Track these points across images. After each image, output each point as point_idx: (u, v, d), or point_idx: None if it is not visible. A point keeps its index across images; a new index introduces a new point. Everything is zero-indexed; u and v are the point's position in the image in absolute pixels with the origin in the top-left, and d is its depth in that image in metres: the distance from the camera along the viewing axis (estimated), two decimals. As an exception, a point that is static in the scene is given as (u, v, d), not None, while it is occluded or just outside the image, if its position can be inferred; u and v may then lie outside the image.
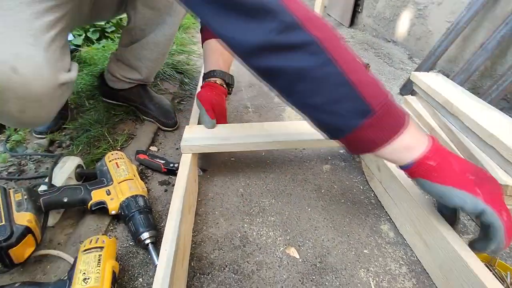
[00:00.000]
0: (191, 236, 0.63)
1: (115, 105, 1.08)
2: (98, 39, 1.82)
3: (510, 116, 0.73)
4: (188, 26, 2.29)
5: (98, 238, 0.53)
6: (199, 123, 0.85)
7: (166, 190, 0.77)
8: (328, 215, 0.70)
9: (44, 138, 0.98)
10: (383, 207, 0.71)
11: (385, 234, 0.65)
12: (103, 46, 1.67)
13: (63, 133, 1.00)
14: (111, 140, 0.91)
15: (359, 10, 2.22)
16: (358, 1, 2.21)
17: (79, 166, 0.76)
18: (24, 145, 0.97)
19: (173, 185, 0.78)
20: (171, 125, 1.01)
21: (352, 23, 2.35)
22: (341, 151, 0.91)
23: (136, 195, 0.64)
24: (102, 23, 1.71)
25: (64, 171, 0.72)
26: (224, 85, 0.87)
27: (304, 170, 0.84)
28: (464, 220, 0.69)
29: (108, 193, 0.65)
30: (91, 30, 1.78)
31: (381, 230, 0.66)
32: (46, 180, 0.67)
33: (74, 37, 1.72)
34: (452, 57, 1.26)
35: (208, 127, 0.78)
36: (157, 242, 0.59)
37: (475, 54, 1.02)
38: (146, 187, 0.77)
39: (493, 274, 0.54)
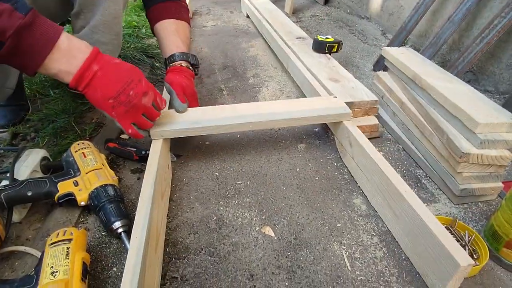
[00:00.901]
0: (166, 223, 0.63)
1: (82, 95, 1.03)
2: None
3: (475, 88, 0.75)
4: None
5: (66, 231, 0.51)
6: (170, 108, 0.82)
7: (139, 178, 0.75)
8: (303, 193, 0.71)
9: (5, 131, 0.92)
10: (355, 181, 0.73)
11: (357, 208, 0.67)
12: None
13: (27, 125, 0.95)
14: (78, 130, 0.87)
15: (333, -13, 2.19)
16: (332, -23, 2.17)
17: (44, 158, 0.72)
18: (-15, 140, 0.92)
19: (146, 167, 0.77)
20: None
21: (327, 0, 2.32)
22: (316, 129, 0.92)
23: (106, 185, 0.62)
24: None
25: (28, 164, 0.68)
26: (190, 67, 0.85)
27: (279, 150, 0.84)
28: (432, 189, 0.72)
29: (76, 184, 0.62)
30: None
31: (354, 204, 0.68)
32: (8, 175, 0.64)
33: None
34: (422, 31, 1.28)
35: (180, 111, 0.76)
36: (129, 230, 0.58)
37: (443, 27, 1.03)
38: (118, 176, 0.75)
39: (453, 234, 0.57)
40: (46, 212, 0.66)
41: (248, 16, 2.05)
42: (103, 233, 0.61)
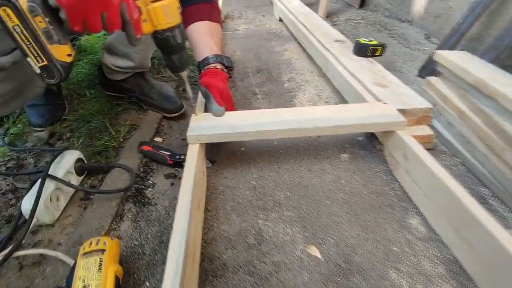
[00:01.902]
0: (201, 235, 0.58)
1: (117, 96, 1.02)
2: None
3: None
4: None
5: (99, 240, 0.48)
6: (206, 111, 0.79)
7: (172, 184, 0.71)
8: (350, 208, 0.64)
9: (43, 130, 0.93)
10: (410, 199, 0.65)
11: (415, 229, 0.59)
12: (104, 34, 1.60)
13: (63, 125, 0.95)
14: (113, 131, 0.86)
15: (370, -10, 2.10)
16: (369, -20, 2.09)
17: (79, 159, 0.71)
18: (24, 138, 0.92)
19: (180, 178, 0.73)
20: (175, 110, 0.94)
21: (362, 4, 2.23)
22: (360, 138, 0.84)
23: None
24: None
25: (63, 165, 0.66)
26: (225, 70, 0.81)
27: (321, 159, 0.77)
28: (503, 211, 0.63)
29: None
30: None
31: (410, 224, 0.60)
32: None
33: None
34: (475, 34, 1.17)
35: (217, 114, 0.71)
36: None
37: (507, 28, 0.93)
38: (151, 181, 0.72)
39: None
40: (78, 216, 0.64)
41: (280, 20, 2.01)
42: (135, 243, 0.58)
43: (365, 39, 1.08)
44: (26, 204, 0.58)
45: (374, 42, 1.06)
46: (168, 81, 1.15)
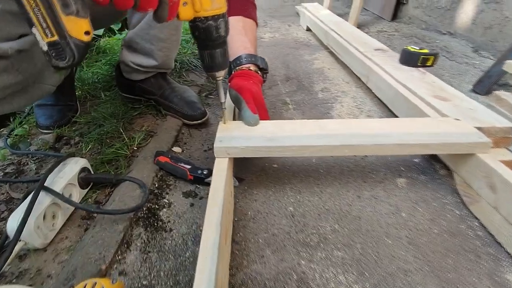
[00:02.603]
0: (228, 276, 0.45)
1: (134, 99, 0.92)
2: (120, 30, 1.69)
3: None
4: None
5: (95, 284, 0.35)
6: (235, 119, 0.67)
7: (192, 205, 0.59)
8: (420, 252, 0.49)
9: (50, 133, 0.83)
10: (500, 244, 0.50)
11: (514, 288, 0.44)
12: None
13: (73, 128, 0.85)
14: (126, 138, 0.75)
15: (404, 1, 1.99)
16: (404, -9, 1.97)
17: (84, 169, 0.59)
18: (28, 140, 0.82)
19: (201, 197, 0.60)
20: (197, 117, 0.83)
21: (394, 16, 2.12)
22: (416, 160, 0.70)
23: None
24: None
25: (64, 175, 0.55)
26: (259, 72, 0.71)
27: (372, 184, 0.64)
28: None
29: None
30: (112, 20, 1.66)
31: (508, 281, 0.45)
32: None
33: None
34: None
35: (250, 123, 0.59)
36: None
37: None
38: (167, 200, 0.60)
39: None
40: (77, 239, 0.52)
41: (308, 30, 1.91)
42: (144, 282, 0.45)
43: (415, 47, 0.95)
44: (13, 222, 0.46)
45: (425, 51, 0.93)
46: (190, 86, 1.04)
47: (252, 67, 0.70)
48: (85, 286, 0.35)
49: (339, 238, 0.52)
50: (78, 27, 0.37)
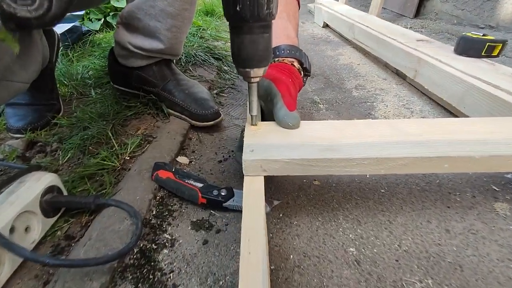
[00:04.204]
0: None
1: (129, 94, 0.75)
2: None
3: None
4: (222, 14, 1.98)
5: None
6: (265, 119, 0.49)
7: (206, 242, 0.40)
8: None
9: (21, 137, 0.65)
10: None
11: None
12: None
13: (52, 132, 0.67)
14: (116, 144, 0.57)
15: (429, -3, 1.82)
16: (428, -15, 1.81)
17: (51, 189, 0.41)
18: (-8, 147, 0.64)
19: (218, 230, 0.42)
20: (209, 118, 0.65)
21: (417, 13, 1.95)
22: (509, 176, 0.51)
23: None
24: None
25: (16, 200, 0.37)
26: (301, 71, 0.54)
27: (459, 211, 0.45)
28: None
29: None
30: (111, 14, 1.50)
31: None
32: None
33: (92, 22, 1.44)
34: None
35: (289, 125, 0.41)
36: None
37: None
38: (169, 235, 0.41)
39: None
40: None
41: (325, 26, 1.75)
42: None
43: (477, 33, 0.77)
44: None
45: (491, 37, 0.75)
46: (198, 82, 0.87)
47: (296, 64, 0.54)
48: None
49: (439, 303, 0.33)
50: None
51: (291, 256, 0.38)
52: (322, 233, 0.42)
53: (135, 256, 0.37)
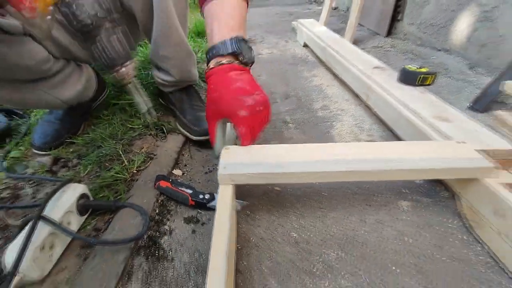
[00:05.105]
0: (233, 310, 0.43)
1: (133, 118, 0.92)
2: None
3: None
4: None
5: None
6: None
7: (194, 231, 0.58)
8: (427, 280, 0.48)
9: (47, 155, 0.82)
10: (506, 271, 0.49)
11: (524, 319, 0.43)
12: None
13: (70, 150, 0.84)
14: (125, 161, 0.74)
15: (399, 18, 2.02)
16: (398, 8, 2.01)
17: (82, 195, 0.58)
18: (25, 163, 0.81)
19: (203, 223, 0.59)
20: (201, 133, 0.82)
21: (389, 32, 2.15)
22: (419, 182, 0.70)
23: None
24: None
25: (63, 203, 0.54)
26: (236, 62, 0.57)
27: (376, 207, 0.63)
28: None
29: None
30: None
31: (517, 311, 0.44)
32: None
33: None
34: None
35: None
36: None
37: None
38: (168, 226, 0.58)
39: None
40: (75, 270, 0.50)
41: (305, 46, 1.94)
42: (145, 318, 0.43)
43: (413, 66, 0.96)
44: (10, 257, 0.45)
45: (425, 69, 0.94)
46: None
47: (235, 62, 0.57)
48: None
49: (344, 266, 0.51)
50: None
51: (252, 239, 0.56)
52: (275, 224, 0.59)
53: (145, 241, 0.55)
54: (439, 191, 0.67)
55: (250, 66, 0.61)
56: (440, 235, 0.56)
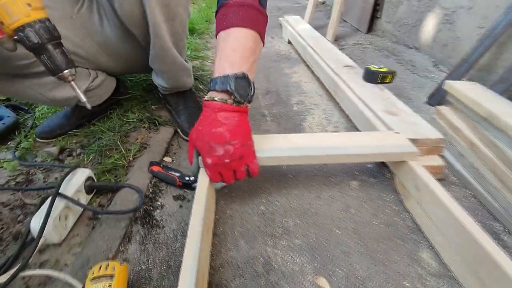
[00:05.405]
0: (209, 261, 0.57)
1: (128, 112, 1.04)
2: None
3: None
4: (202, 32, 2.26)
5: (108, 265, 0.47)
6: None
7: (181, 206, 0.71)
8: (360, 239, 0.63)
9: (53, 146, 0.94)
10: (422, 231, 0.64)
11: (426, 264, 0.58)
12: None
13: (74, 141, 0.96)
14: (123, 150, 0.86)
15: (378, 16, 2.15)
16: (377, 6, 2.14)
17: (89, 178, 0.71)
18: (34, 152, 0.93)
19: (188, 200, 0.73)
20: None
21: (369, 29, 2.28)
22: (370, 166, 0.84)
23: None
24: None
25: (73, 183, 0.67)
26: (229, 101, 0.56)
27: (330, 186, 0.77)
28: (516, 249, 0.61)
29: None
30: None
31: (422, 258, 0.59)
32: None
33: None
34: (484, 65, 1.18)
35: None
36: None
37: (514, 62, 0.94)
38: (160, 202, 0.72)
39: None
40: (86, 236, 0.64)
41: (289, 42, 2.05)
42: (143, 266, 0.57)
43: (375, 66, 1.10)
44: (35, 223, 0.58)
45: (384, 69, 1.08)
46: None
47: (228, 100, 0.56)
48: (100, 267, 0.47)
49: (299, 230, 0.65)
50: None
51: (228, 211, 0.70)
52: (247, 200, 0.73)
53: (141, 213, 0.68)
54: (384, 173, 0.81)
55: (248, 103, 0.59)
56: (378, 206, 0.71)
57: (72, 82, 0.61)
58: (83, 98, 0.64)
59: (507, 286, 0.43)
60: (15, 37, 0.53)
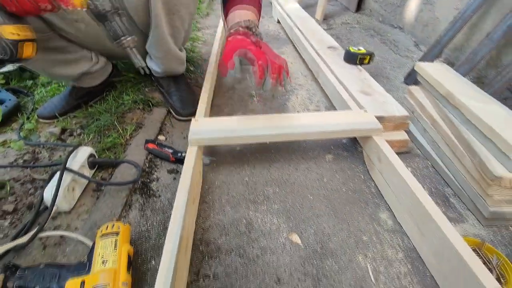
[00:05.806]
0: (194, 226, 0.67)
1: (123, 94, 1.11)
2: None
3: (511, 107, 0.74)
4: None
5: (114, 224, 0.57)
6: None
7: (174, 179, 0.80)
8: (330, 203, 0.73)
9: (55, 127, 1.01)
10: (382, 196, 0.74)
11: (383, 222, 0.68)
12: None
13: (73, 122, 1.03)
14: (120, 129, 0.94)
15: (366, -6, 2.18)
16: (366, -15, 2.16)
17: (91, 155, 0.79)
18: (37, 133, 1.01)
19: (181, 173, 0.82)
20: (183, 114, 1.03)
21: (358, 8, 2.31)
22: (344, 141, 0.93)
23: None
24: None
25: (78, 160, 0.75)
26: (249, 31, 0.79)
27: (308, 159, 0.87)
28: (460, 209, 0.72)
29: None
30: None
31: (380, 218, 0.69)
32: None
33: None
34: (458, 45, 1.25)
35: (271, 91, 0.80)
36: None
37: (480, 43, 1.02)
38: (155, 175, 0.81)
39: (481, 257, 0.58)
40: (92, 205, 0.73)
41: (279, 22, 2.08)
42: (143, 228, 0.67)
43: (355, 48, 1.16)
44: (48, 193, 0.67)
45: (363, 51, 1.15)
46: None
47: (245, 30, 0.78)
48: (107, 226, 0.56)
49: (277, 197, 0.75)
50: (6, 31, 0.61)
51: (216, 182, 0.79)
52: (234, 172, 0.82)
53: (139, 185, 0.77)
54: (356, 147, 0.91)
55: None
56: (348, 176, 0.81)
57: (134, 49, 0.74)
58: (143, 63, 0.79)
59: (441, 238, 0.53)
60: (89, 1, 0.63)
